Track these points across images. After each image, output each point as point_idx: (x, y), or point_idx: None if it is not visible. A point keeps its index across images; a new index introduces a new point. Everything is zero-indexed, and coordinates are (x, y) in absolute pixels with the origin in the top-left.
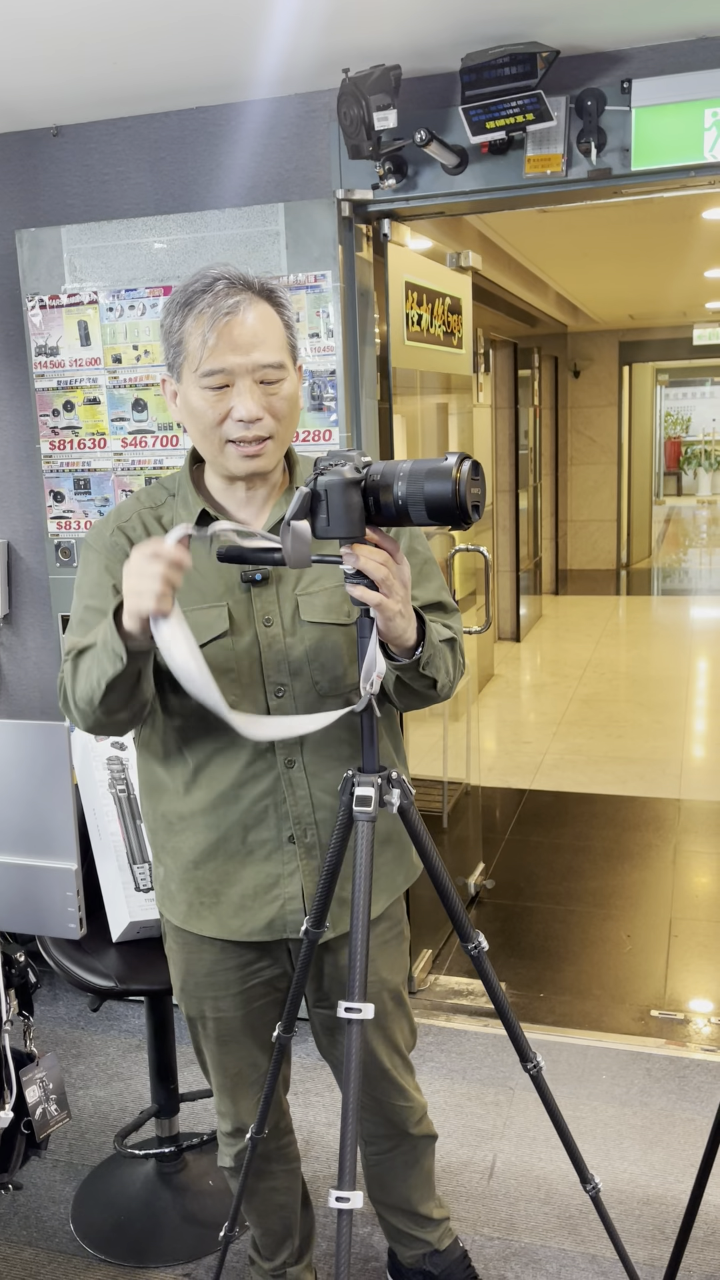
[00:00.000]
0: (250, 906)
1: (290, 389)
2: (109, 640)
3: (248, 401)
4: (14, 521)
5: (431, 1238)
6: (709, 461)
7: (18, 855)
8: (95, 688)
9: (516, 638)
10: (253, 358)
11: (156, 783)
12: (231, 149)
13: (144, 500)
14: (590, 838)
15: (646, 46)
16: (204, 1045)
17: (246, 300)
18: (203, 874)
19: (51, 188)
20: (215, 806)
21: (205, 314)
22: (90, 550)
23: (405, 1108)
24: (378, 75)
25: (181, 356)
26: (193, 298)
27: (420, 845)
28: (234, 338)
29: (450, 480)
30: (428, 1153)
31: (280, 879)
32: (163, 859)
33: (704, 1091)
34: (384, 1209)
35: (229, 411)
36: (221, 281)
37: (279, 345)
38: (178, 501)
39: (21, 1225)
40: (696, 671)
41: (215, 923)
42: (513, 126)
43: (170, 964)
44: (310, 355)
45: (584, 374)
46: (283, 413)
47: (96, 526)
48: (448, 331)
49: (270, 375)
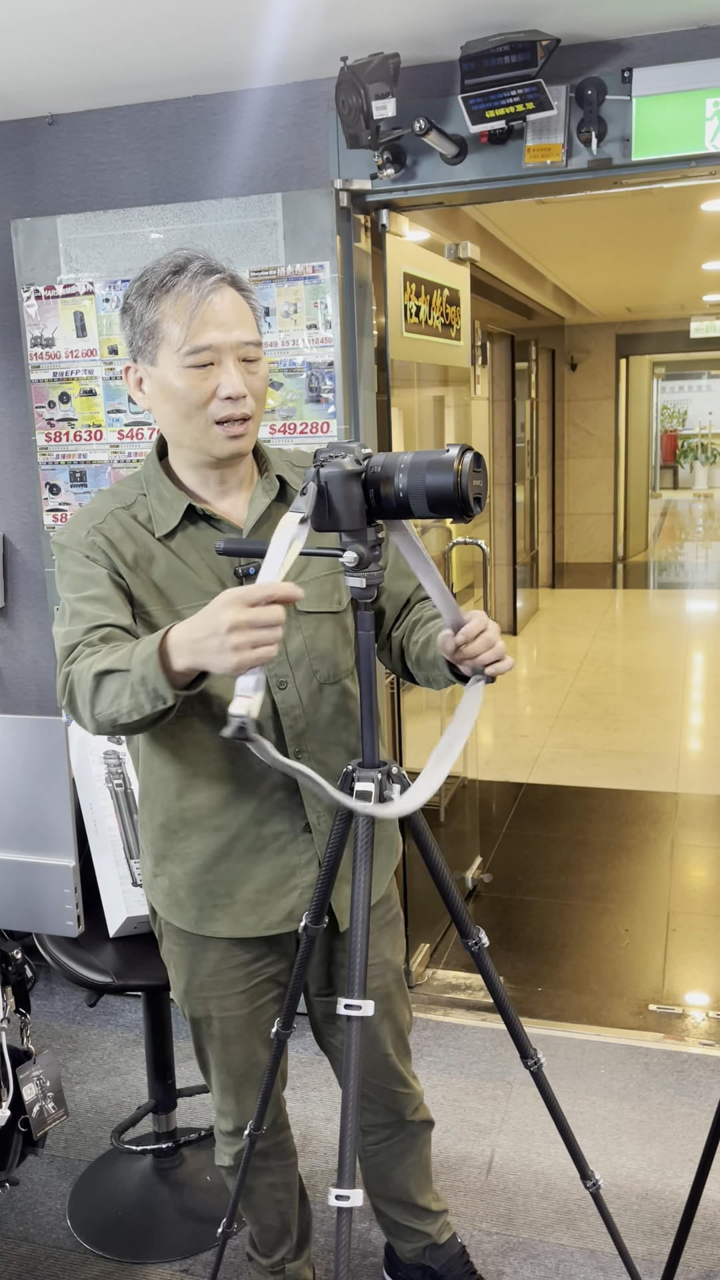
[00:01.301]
0: (266, 901)
1: (265, 370)
2: (152, 681)
3: (234, 378)
4: (9, 514)
5: (431, 1230)
6: (705, 455)
7: (14, 852)
8: (123, 715)
9: (513, 631)
10: (235, 334)
11: (160, 787)
12: (229, 138)
13: (114, 499)
14: (587, 831)
15: (647, 35)
16: (208, 1045)
17: (222, 281)
18: (214, 877)
19: (47, 177)
20: (226, 805)
21: (186, 294)
22: (65, 549)
23: (405, 1094)
24: (376, 64)
25: (156, 340)
26: (167, 280)
27: (421, 841)
28: (217, 315)
29: (452, 472)
30: (425, 1140)
31: (297, 869)
32: (166, 868)
33: (702, 1086)
34: (382, 1202)
35: (214, 391)
36: (197, 262)
37: (253, 326)
38: (151, 498)
39: (18, 1221)
40: (693, 665)
41: (229, 923)
42: (512, 116)
43: (171, 966)
44: (308, 347)
45: (581, 367)
46: (260, 393)
47: (68, 527)
48: (446, 323)
49: (251, 353)
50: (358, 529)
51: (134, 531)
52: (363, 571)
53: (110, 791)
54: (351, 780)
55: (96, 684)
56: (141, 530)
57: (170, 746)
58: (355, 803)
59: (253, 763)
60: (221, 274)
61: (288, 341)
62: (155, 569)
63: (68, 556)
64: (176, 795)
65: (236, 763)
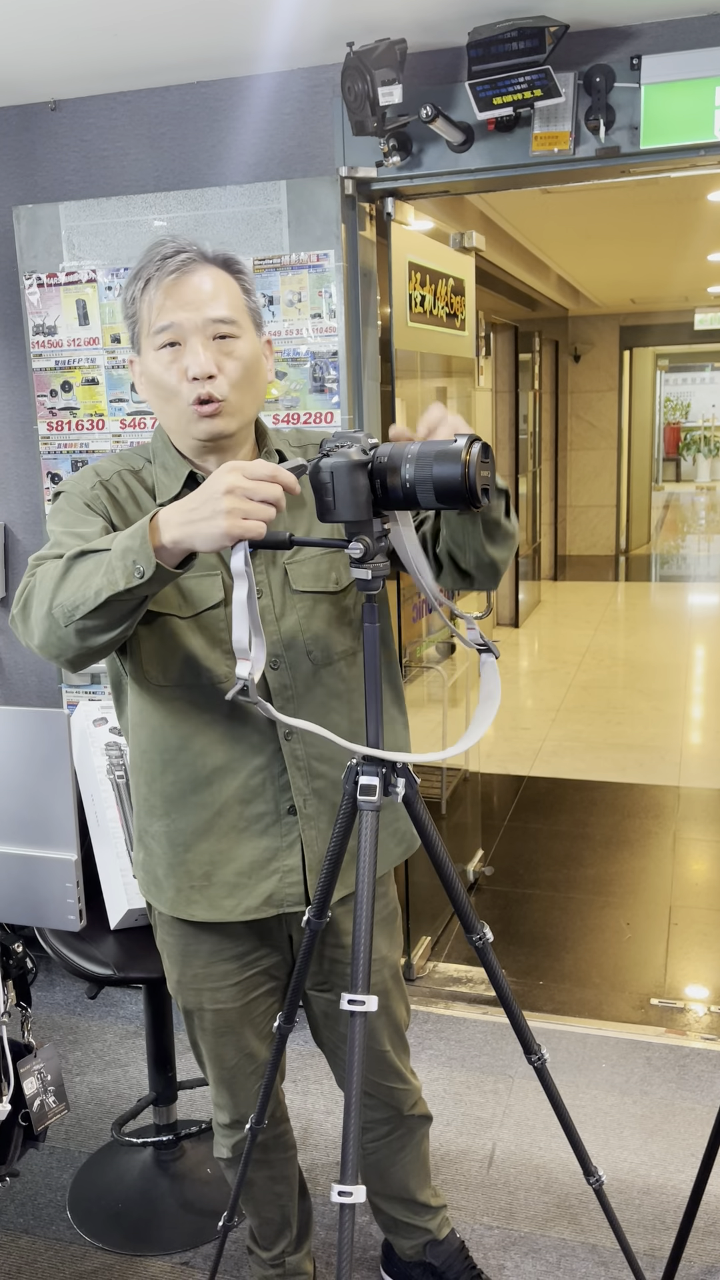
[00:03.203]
0: (245, 884)
1: (246, 350)
2: (134, 549)
3: (198, 357)
4: (11, 504)
5: (431, 1225)
6: (708, 447)
7: (16, 845)
8: (88, 597)
9: (515, 624)
10: (202, 313)
11: (144, 761)
12: (233, 125)
13: (122, 462)
14: (589, 825)
15: (657, 22)
16: (201, 1038)
17: (196, 261)
18: (193, 856)
19: (49, 163)
20: (209, 783)
21: (154, 278)
22: (68, 495)
23: (402, 1090)
24: (383, 50)
25: (138, 328)
26: (143, 269)
27: (425, 835)
28: (182, 294)
29: (459, 463)
30: (423, 1136)
31: (278, 852)
32: (147, 843)
33: (704, 1080)
34: (381, 1200)
35: (184, 371)
36: (169, 245)
37: (230, 304)
38: (156, 466)
39: (18, 1212)
40: (695, 658)
41: (206, 905)
42: (520, 103)
43: (164, 957)
44: (312, 336)
45: (584, 358)
46: (234, 375)
47: (75, 478)
48: (450, 313)
49: (222, 330)
50: (364, 520)
51: (138, 494)
52: (368, 563)
53: (112, 783)
54: (356, 774)
55: (66, 568)
56: (145, 494)
57: (158, 719)
58: (367, 749)
59: (239, 741)
60: (189, 252)
61: (292, 331)
62: None
63: (67, 500)
64: (161, 769)
65: (224, 740)
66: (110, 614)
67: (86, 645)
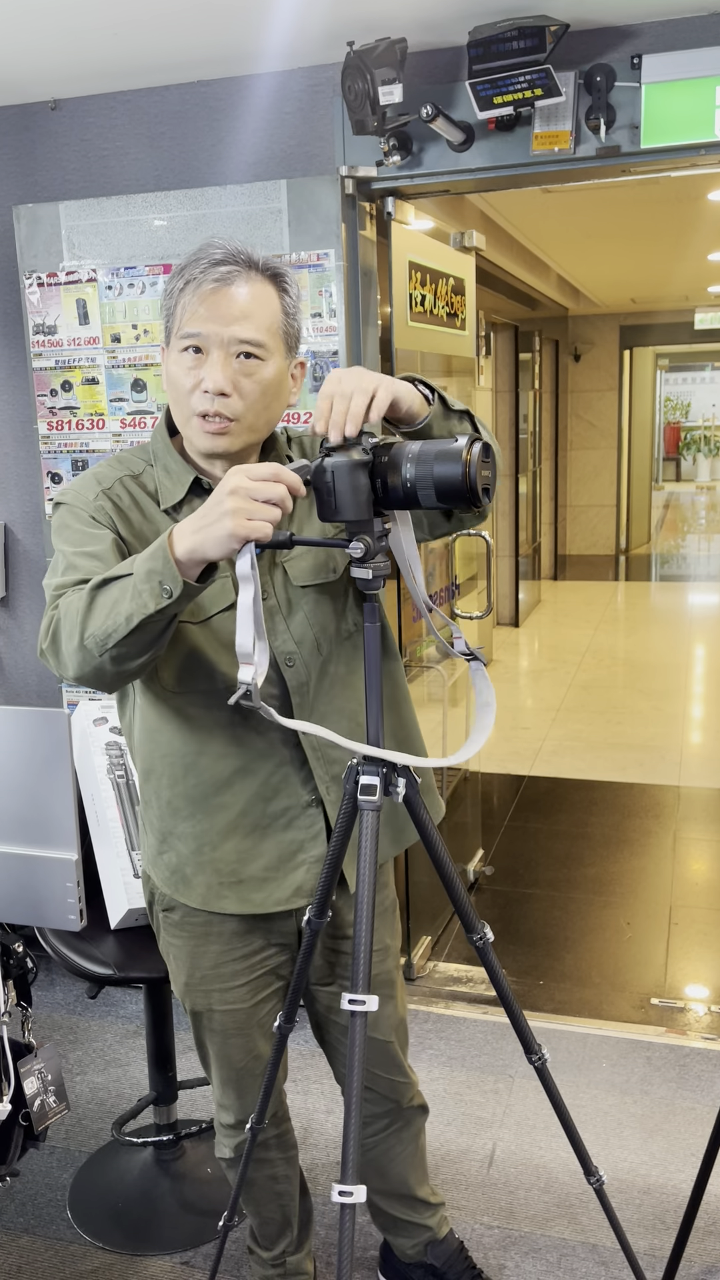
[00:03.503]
0: (274, 878)
1: (269, 375)
2: (158, 570)
3: (216, 372)
4: (11, 503)
5: (431, 1223)
6: (708, 447)
7: (16, 845)
8: (120, 624)
9: (515, 623)
10: (230, 330)
11: (164, 764)
12: (233, 124)
13: (122, 467)
14: (589, 824)
15: (657, 21)
16: (209, 1040)
17: (241, 273)
18: (220, 855)
19: (49, 163)
20: (230, 783)
21: (195, 280)
22: (71, 508)
23: (404, 1084)
24: (383, 49)
25: (171, 323)
26: (189, 266)
27: (425, 835)
28: (216, 305)
29: (460, 462)
30: (421, 1128)
31: (304, 844)
32: (173, 844)
33: (704, 1080)
34: (381, 1198)
35: (199, 382)
36: (219, 250)
37: (266, 326)
38: (158, 470)
39: (18, 1212)
40: (695, 657)
41: (237, 900)
42: (520, 102)
43: (171, 961)
44: (312, 335)
45: (584, 358)
46: (251, 397)
47: (75, 488)
48: (451, 313)
49: (247, 349)
50: (364, 519)
51: (141, 501)
52: (369, 563)
53: (112, 783)
54: (357, 774)
55: (91, 599)
56: (149, 500)
57: (174, 724)
58: (376, 750)
59: (257, 740)
60: (236, 265)
61: None
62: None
63: (72, 514)
64: (182, 773)
65: (241, 740)
66: (143, 637)
67: (123, 670)
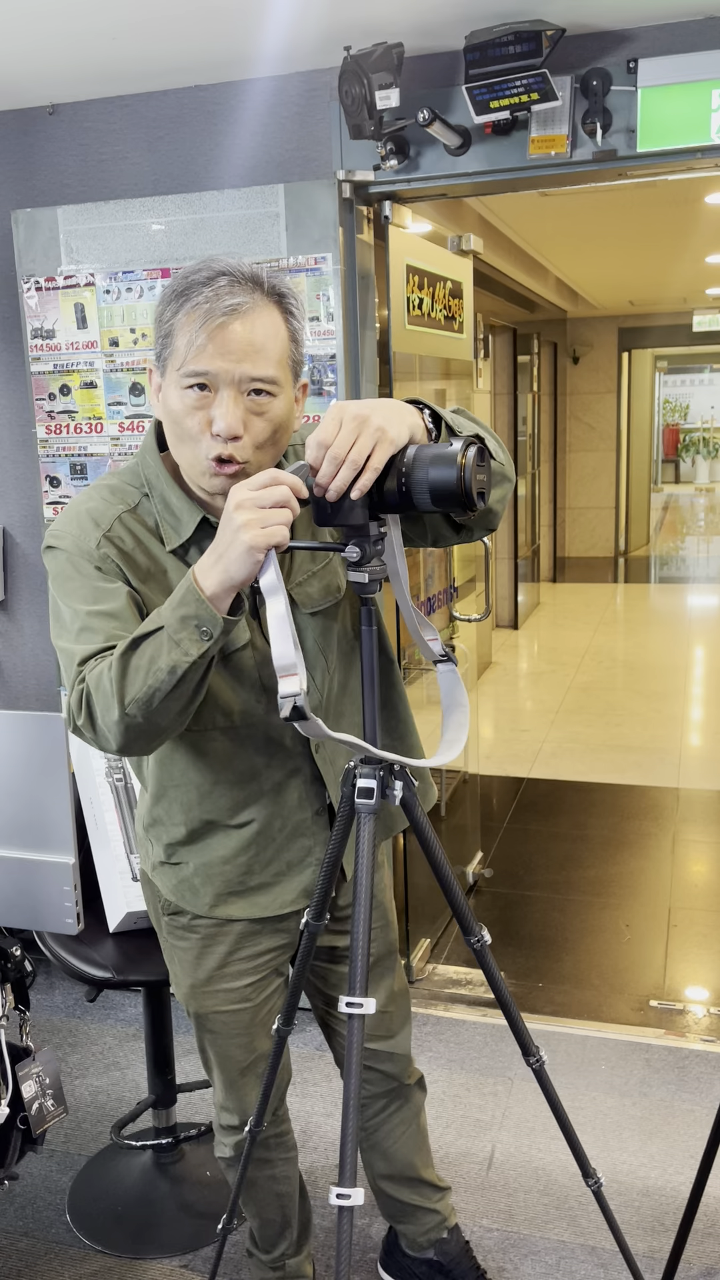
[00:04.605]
0: (282, 882)
1: (280, 411)
2: (194, 614)
3: (228, 413)
4: (9, 507)
5: (441, 1208)
6: (707, 449)
7: (14, 849)
8: (163, 679)
9: (514, 625)
10: (242, 368)
11: (179, 792)
12: (230, 128)
13: (116, 500)
14: (588, 826)
15: (653, 25)
16: (211, 1042)
17: (250, 304)
18: (232, 868)
19: (47, 167)
20: (246, 806)
21: (200, 309)
22: (72, 557)
23: (403, 1056)
24: (380, 53)
25: (169, 348)
26: (191, 288)
27: (423, 837)
28: (226, 341)
29: (455, 466)
30: (421, 1106)
31: (313, 849)
32: (185, 857)
33: (703, 1082)
34: (389, 1184)
35: (209, 422)
36: (225, 278)
37: (277, 360)
38: (156, 503)
39: (17, 1215)
40: (694, 659)
41: (244, 905)
42: (517, 106)
43: (174, 965)
44: (310, 339)
45: (583, 360)
46: (262, 437)
47: (72, 532)
48: (449, 316)
49: (259, 387)
50: (360, 524)
51: (144, 540)
52: (365, 567)
53: (110, 786)
54: (354, 777)
55: (124, 664)
56: (152, 539)
57: (190, 755)
58: (394, 757)
59: (274, 765)
60: (258, 290)
61: None
62: (169, 583)
63: (73, 564)
64: (198, 800)
65: (257, 767)
66: (185, 686)
67: (168, 726)
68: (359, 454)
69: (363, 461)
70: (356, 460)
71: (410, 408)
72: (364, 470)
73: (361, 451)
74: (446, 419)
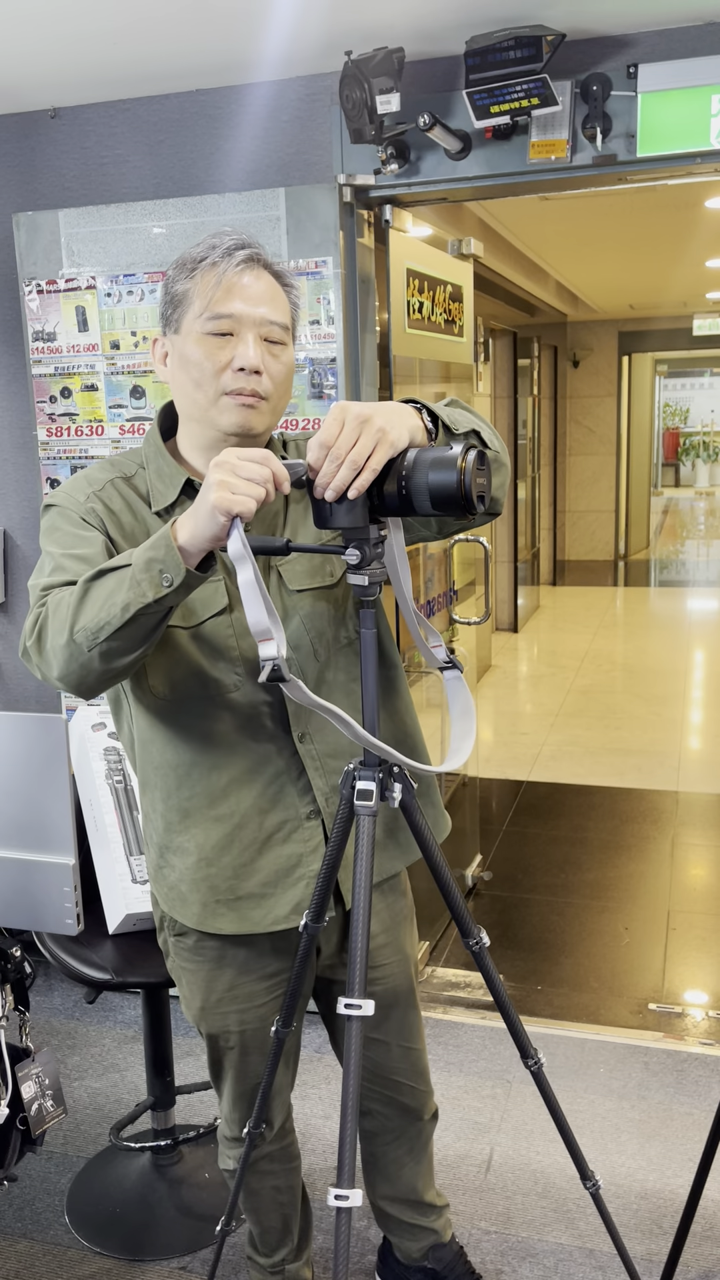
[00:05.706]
0: (271, 894)
1: (289, 360)
2: (160, 558)
3: (250, 351)
4: (10, 509)
5: (437, 1225)
6: (707, 453)
7: (13, 849)
8: (114, 615)
9: (514, 628)
10: (260, 310)
11: (158, 776)
12: (231, 132)
13: (113, 469)
14: (588, 829)
15: (653, 31)
16: (225, 1058)
17: (257, 263)
18: (216, 871)
19: (49, 170)
20: (226, 794)
21: (218, 265)
22: (62, 509)
23: (424, 1093)
24: (380, 58)
25: (182, 308)
26: (207, 253)
27: (422, 840)
28: (244, 289)
29: (455, 470)
30: (431, 1135)
31: (303, 858)
32: (169, 859)
33: (702, 1085)
34: (387, 1202)
35: (229, 362)
36: (230, 239)
37: (285, 312)
38: (150, 472)
39: (15, 1217)
40: (694, 663)
41: (234, 918)
42: (517, 111)
43: (184, 984)
44: (311, 342)
45: (583, 364)
46: (279, 378)
47: (65, 489)
48: (449, 319)
49: (275, 334)
50: (360, 526)
51: (132, 503)
52: (365, 569)
53: (110, 788)
54: (353, 779)
55: (84, 591)
56: (140, 502)
57: (167, 735)
58: (390, 751)
59: (253, 750)
60: (253, 251)
61: None
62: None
63: (62, 515)
64: (176, 785)
65: (236, 751)
66: (135, 631)
67: (110, 668)
68: (359, 454)
69: (363, 461)
70: (356, 460)
71: (409, 409)
72: (363, 470)
73: (362, 452)
74: (443, 418)
